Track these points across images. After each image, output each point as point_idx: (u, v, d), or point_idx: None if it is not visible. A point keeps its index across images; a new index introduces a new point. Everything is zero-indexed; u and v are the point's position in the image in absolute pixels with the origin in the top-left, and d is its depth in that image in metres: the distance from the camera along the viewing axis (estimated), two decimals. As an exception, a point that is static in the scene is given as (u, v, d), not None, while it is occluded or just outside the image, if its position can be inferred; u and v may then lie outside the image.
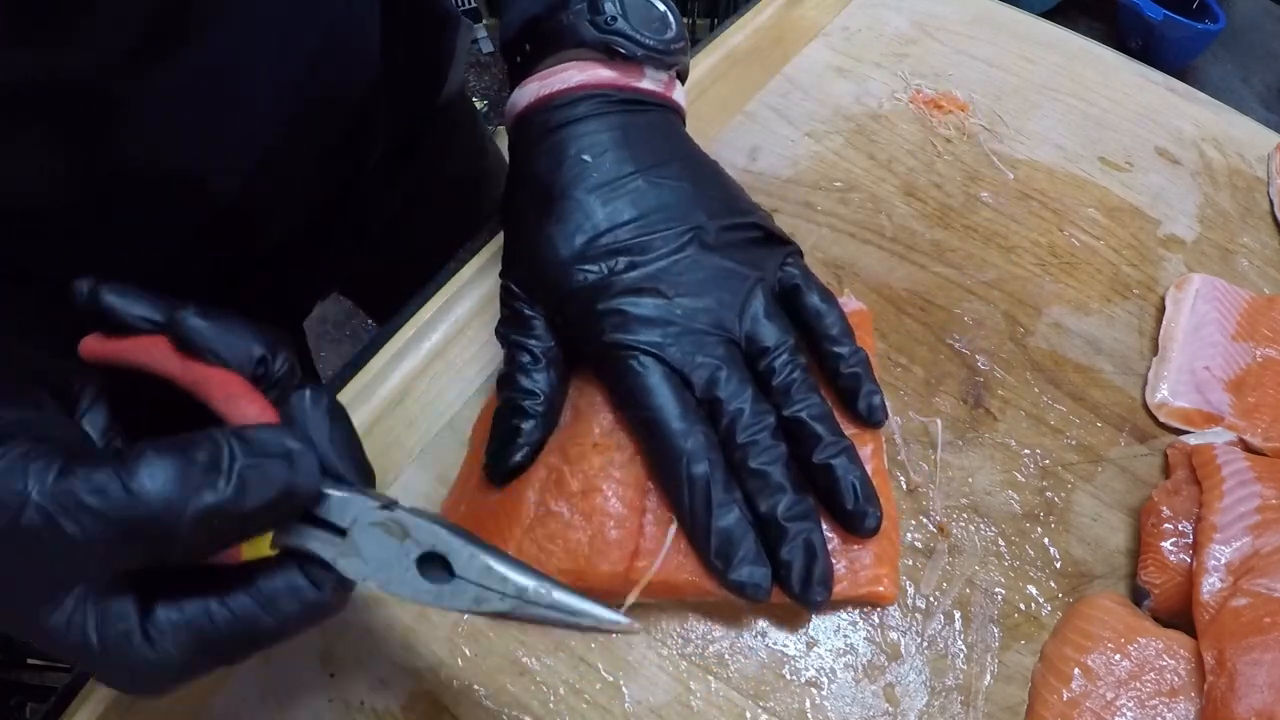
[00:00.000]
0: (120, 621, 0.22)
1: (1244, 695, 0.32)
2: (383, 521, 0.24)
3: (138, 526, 0.21)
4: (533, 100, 0.39)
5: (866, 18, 0.62)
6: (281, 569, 0.24)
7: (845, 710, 0.35)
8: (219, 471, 0.21)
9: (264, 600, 0.23)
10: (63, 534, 0.20)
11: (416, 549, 0.24)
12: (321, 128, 0.47)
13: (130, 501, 0.20)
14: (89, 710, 0.34)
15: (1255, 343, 0.45)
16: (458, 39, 0.60)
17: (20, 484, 0.20)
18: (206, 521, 0.21)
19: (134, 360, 0.27)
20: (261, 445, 0.22)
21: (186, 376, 0.26)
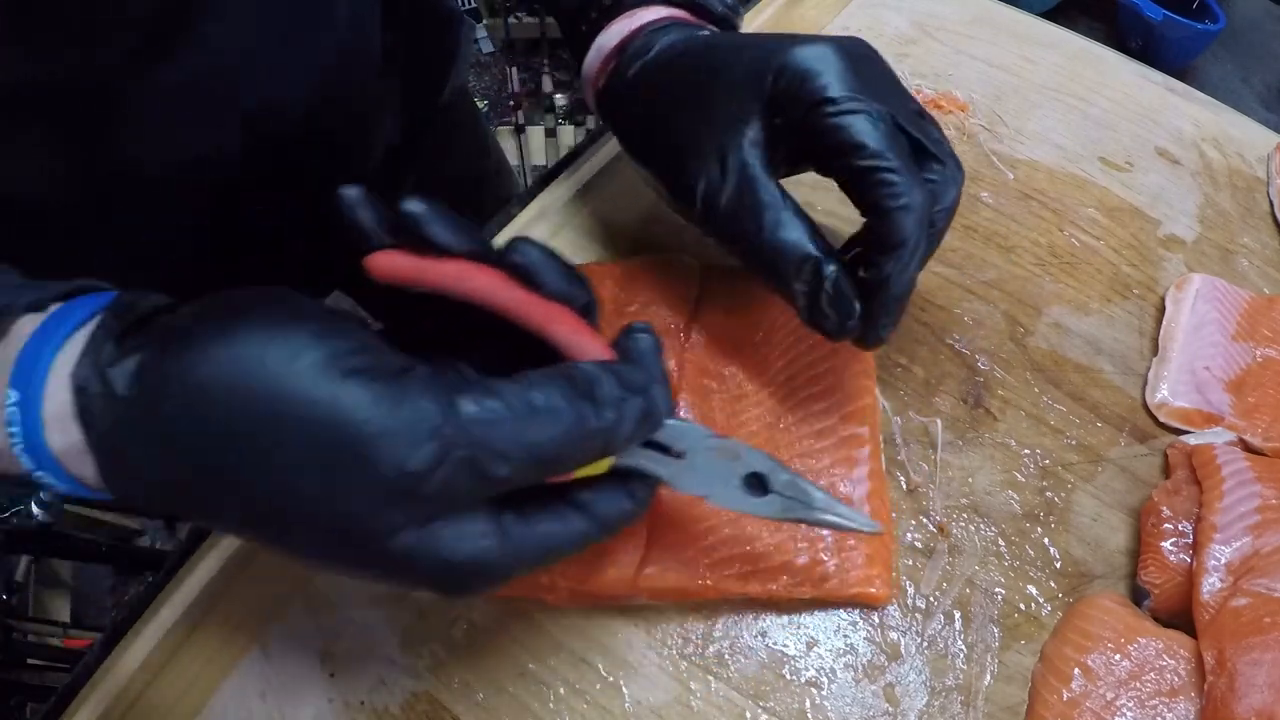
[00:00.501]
0: (483, 539, 0.24)
1: (1244, 695, 0.32)
2: (717, 447, 0.28)
3: (535, 456, 0.24)
4: (626, 33, 0.39)
5: (866, 18, 0.62)
6: (610, 488, 0.27)
7: (845, 710, 0.35)
8: (604, 403, 0.25)
9: (596, 516, 0.27)
10: (475, 468, 0.23)
11: (743, 469, 0.29)
12: (323, 126, 0.47)
13: (529, 432, 0.23)
14: (89, 710, 0.34)
15: (1255, 343, 0.45)
16: (460, 38, 0.60)
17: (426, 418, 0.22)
18: (592, 446, 0.25)
19: (450, 286, 0.27)
20: (631, 381, 0.26)
21: (525, 310, 0.27)
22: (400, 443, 0.22)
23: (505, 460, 0.23)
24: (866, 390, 0.41)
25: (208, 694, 0.34)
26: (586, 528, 0.26)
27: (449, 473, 0.23)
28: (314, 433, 0.22)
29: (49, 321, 0.25)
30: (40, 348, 0.24)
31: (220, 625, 0.36)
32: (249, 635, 0.35)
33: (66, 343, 0.25)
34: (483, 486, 0.24)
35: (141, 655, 0.35)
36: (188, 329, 0.24)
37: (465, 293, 0.27)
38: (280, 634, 0.36)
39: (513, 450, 0.23)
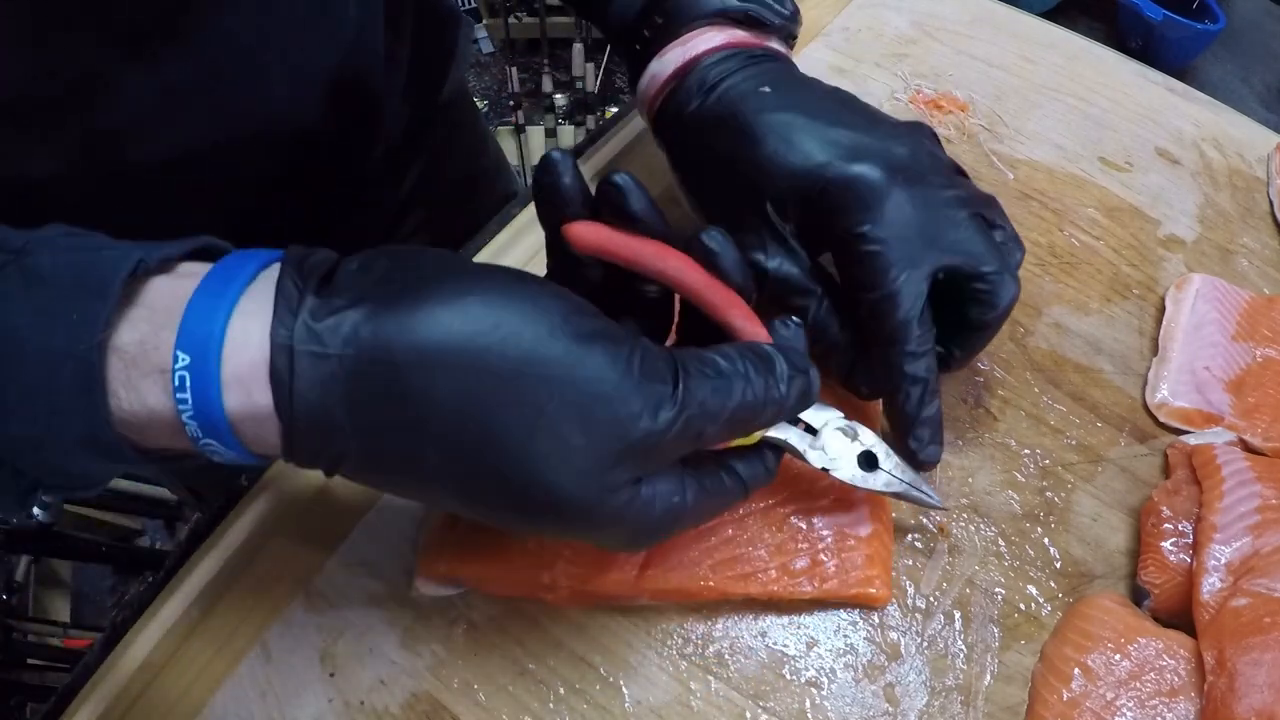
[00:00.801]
0: (675, 496, 0.27)
1: (1244, 695, 0.32)
2: (843, 427, 0.33)
3: (734, 419, 0.26)
4: (681, 63, 0.39)
5: (866, 18, 0.62)
6: (754, 456, 0.30)
7: (845, 710, 0.35)
8: (780, 378, 0.28)
9: (744, 481, 0.30)
10: (696, 426, 0.25)
11: (861, 448, 0.33)
12: (325, 126, 0.47)
13: (734, 398, 0.26)
14: (89, 710, 0.34)
15: (1255, 343, 0.45)
16: (459, 38, 0.60)
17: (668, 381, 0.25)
18: (770, 414, 0.28)
19: (641, 262, 0.29)
20: (795, 362, 0.29)
21: (707, 292, 0.30)
22: (648, 405, 0.24)
23: (715, 421, 0.26)
24: (866, 390, 0.41)
25: (208, 694, 0.34)
26: (735, 489, 0.29)
27: (679, 432, 0.25)
28: (562, 395, 0.23)
29: (210, 280, 0.24)
30: (212, 305, 0.23)
31: (220, 625, 0.36)
32: (249, 635, 0.35)
33: (242, 298, 0.24)
34: (690, 446, 0.26)
35: (141, 655, 0.35)
36: (405, 287, 0.24)
37: (658, 270, 0.29)
38: (280, 634, 0.36)
39: (722, 414, 0.26)
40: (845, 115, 0.37)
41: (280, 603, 0.36)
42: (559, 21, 1.85)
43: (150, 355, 0.23)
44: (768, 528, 0.37)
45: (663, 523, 0.27)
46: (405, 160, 0.60)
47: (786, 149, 0.36)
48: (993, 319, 0.36)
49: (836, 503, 0.37)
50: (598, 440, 0.24)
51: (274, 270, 0.25)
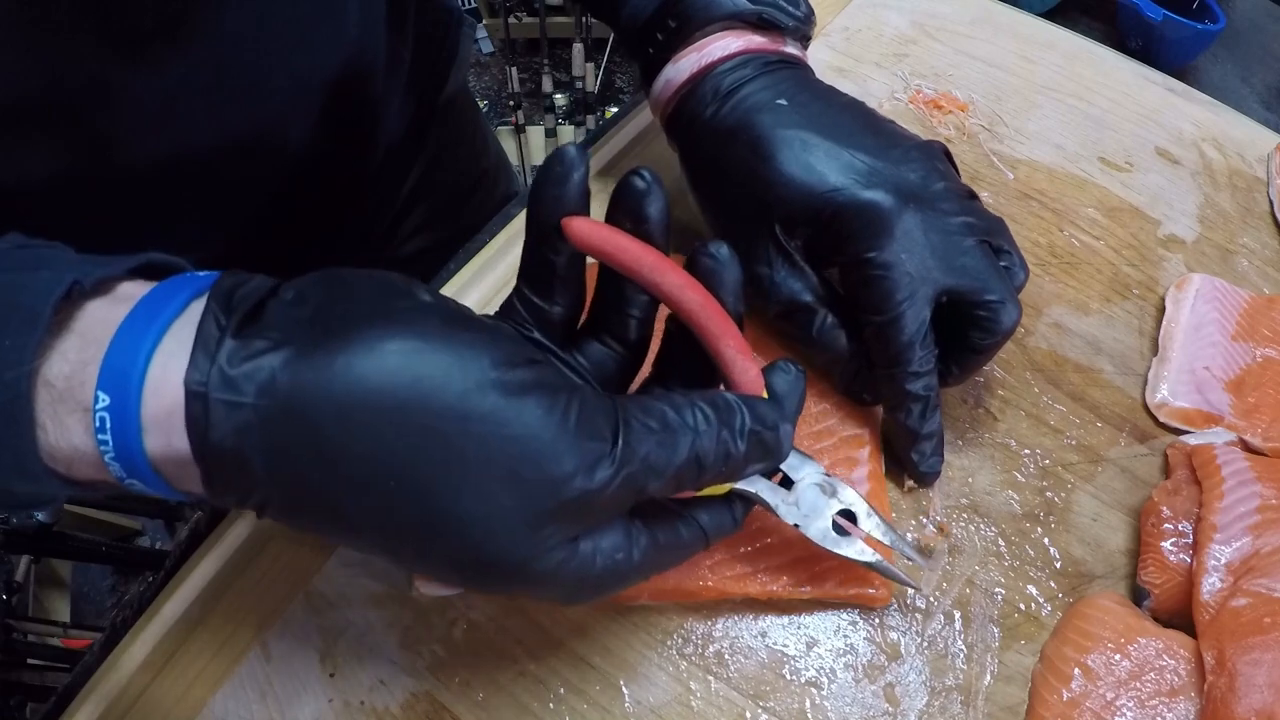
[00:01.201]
0: (618, 553, 0.26)
1: (1244, 695, 0.32)
2: (821, 483, 0.31)
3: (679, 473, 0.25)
4: (695, 70, 0.39)
5: (866, 18, 0.62)
6: (719, 506, 0.29)
7: (845, 710, 0.35)
8: (738, 434, 0.26)
9: (706, 533, 0.28)
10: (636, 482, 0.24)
11: (838, 505, 0.31)
12: (326, 127, 0.47)
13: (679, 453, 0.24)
14: (89, 710, 0.34)
15: (1255, 343, 0.45)
16: (460, 38, 0.60)
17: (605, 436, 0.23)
18: (723, 471, 0.26)
19: (637, 268, 0.27)
20: (764, 417, 0.27)
21: (701, 314, 0.27)
22: (584, 463, 0.23)
23: (659, 478, 0.24)
24: (866, 390, 0.41)
25: (208, 694, 0.34)
26: (694, 541, 0.28)
27: (618, 490, 0.23)
28: (489, 453, 0.22)
29: (137, 311, 0.23)
30: (135, 343, 0.22)
31: (220, 625, 0.36)
32: (249, 635, 0.35)
33: (165, 336, 0.23)
34: (631, 502, 0.25)
35: (141, 655, 0.35)
36: (328, 330, 0.22)
37: (655, 282, 0.27)
38: (280, 634, 0.36)
39: (666, 469, 0.24)
40: (860, 135, 0.37)
41: (280, 603, 0.36)
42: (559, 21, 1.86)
43: (75, 391, 0.22)
44: (767, 528, 0.36)
45: (605, 579, 0.26)
46: (406, 161, 0.60)
47: (799, 170, 0.36)
48: (992, 344, 0.36)
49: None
50: (527, 500, 0.23)
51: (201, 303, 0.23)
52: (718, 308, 0.28)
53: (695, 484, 0.26)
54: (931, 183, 0.36)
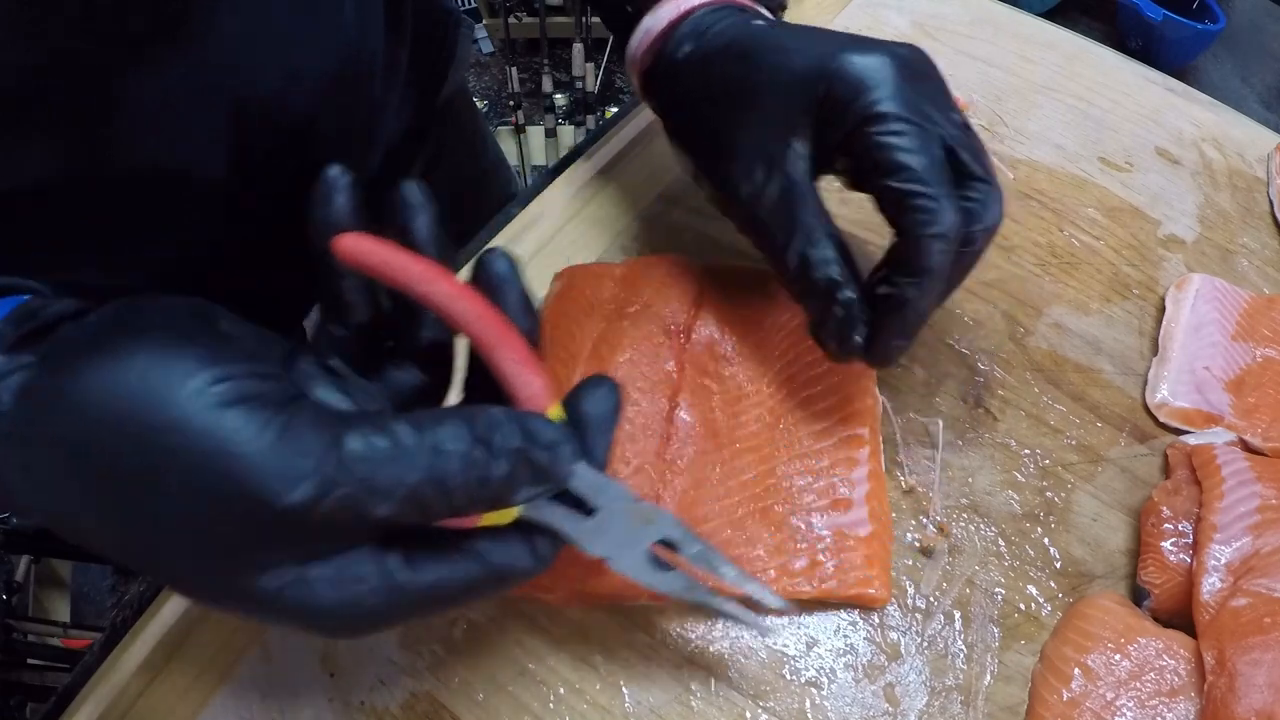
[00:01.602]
0: (360, 584, 0.23)
1: (1244, 695, 0.32)
2: (631, 510, 0.27)
3: (417, 498, 0.22)
4: (675, 15, 0.39)
5: (866, 18, 0.62)
6: (511, 539, 0.25)
7: (845, 710, 0.35)
8: (500, 453, 0.23)
9: (491, 569, 0.25)
10: (354, 504, 0.22)
11: (655, 535, 0.27)
12: (324, 127, 0.47)
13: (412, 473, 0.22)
14: (89, 710, 0.34)
15: (1255, 343, 0.45)
16: (459, 39, 0.60)
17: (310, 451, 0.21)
18: (481, 495, 0.23)
19: (408, 282, 0.25)
20: (535, 436, 0.24)
21: (478, 324, 0.25)
22: (281, 478, 0.21)
23: (387, 500, 0.22)
24: (866, 390, 0.41)
25: (208, 694, 0.34)
26: (480, 577, 0.25)
27: (329, 510, 0.21)
28: (192, 462, 0.21)
29: None
30: None
31: (220, 625, 0.36)
32: (249, 635, 0.35)
33: None
34: (363, 526, 0.23)
35: (141, 655, 0.35)
36: (78, 344, 0.23)
37: (424, 294, 0.25)
38: (280, 634, 0.36)
39: (396, 491, 0.22)
40: (843, 35, 0.36)
41: (280, 603, 0.36)
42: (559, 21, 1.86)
43: None
44: (767, 528, 0.37)
45: (350, 611, 0.23)
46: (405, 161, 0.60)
47: (785, 58, 0.35)
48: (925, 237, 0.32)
49: (835, 503, 0.37)
50: (229, 517, 0.21)
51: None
52: (496, 317, 0.25)
53: (451, 509, 0.23)
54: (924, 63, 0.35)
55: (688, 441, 0.38)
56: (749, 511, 0.37)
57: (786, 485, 0.38)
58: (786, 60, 0.35)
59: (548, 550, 0.26)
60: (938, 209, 0.32)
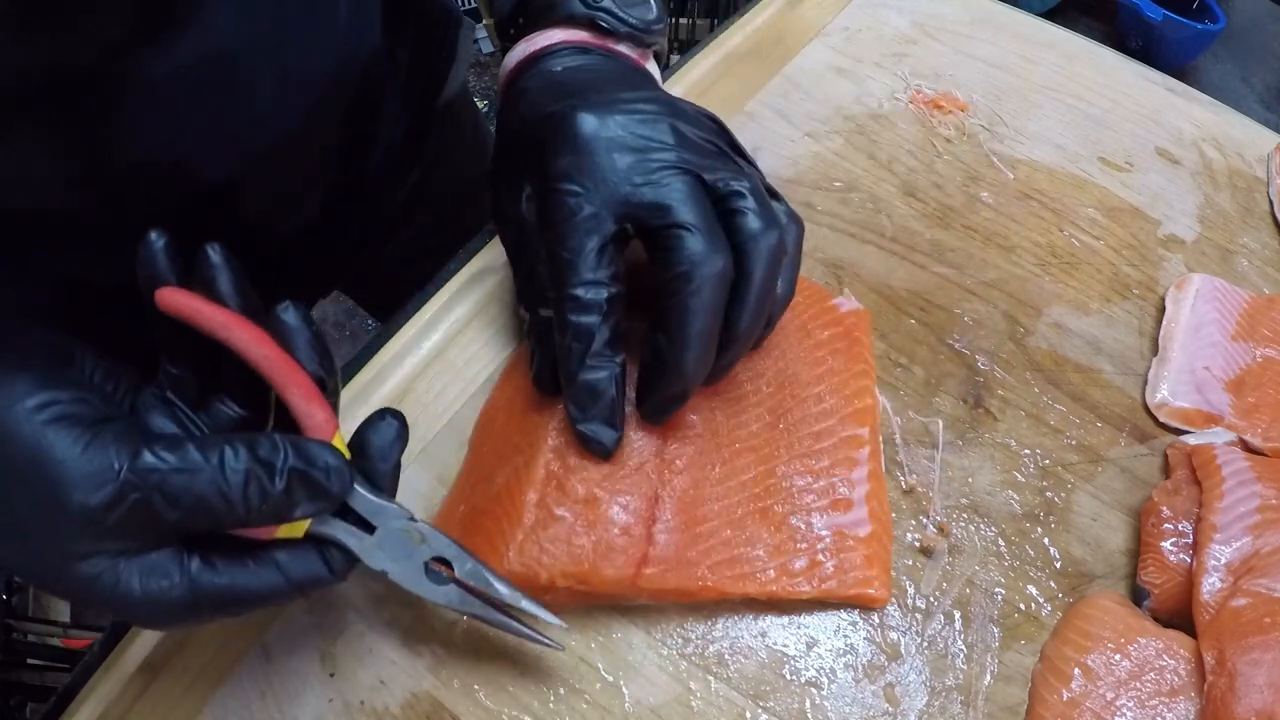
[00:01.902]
0: (162, 578, 0.27)
1: (1244, 695, 0.32)
2: (407, 529, 0.30)
3: (205, 505, 0.26)
4: (521, 58, 0.41)
5: (866, 18, 0.62)
6: (304, 552, 0.29)
7: (845, 710, 0.35)
8: (278, 473, 0.27)
9: (287, 575, 0.29)
10: (148, 508, 0.25)
11: (429, 553, 0.30)
12: (323, 123, 0.47)
13: (198, 484, 0.26)
14: (89, 710, 0.34)
15: (1255, 343, 0.45)
16: (459, 39, 0.60)
17: (110, 462, 0.25)
18: (256, 507, 0.27)
19: (214, 331, 0.29)
20: (310, 457, 0.27)
21: (269, 366, 0.29)
22: (86, 482, 0.25)
23: (175, 506, 0.26)
24: (866, 390, 0.41)
25: (208, 694, 0.34)
26: (275, 583, 0.28)
27: (124, 511, 0.25)
28: (19, 468, 0.25)
29: None
30: None
31: (220, 625, 0.36)
32: (249, 635, 0.35)
33: None
34: (158, 527, 0.26)
35: (141, 655, 0.35)
36: None
37: (226, 339, 0.29)
38: (280, 634, 0.36)
39: (183, 498, 0.26)
40: (609, 85, 0.37)
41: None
42: (559, 22, 1.85)
43: None
44: (766, 528, 0.37)
45: (156, 602, 0.27)
46: (406, 162, 0.60)
47: (529, 107, 0.37)
48: (677, 282, 0.32)
49: (835, 504, 0.37)
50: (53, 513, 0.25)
51: None
52: (285, 359, 0.29)
53: (238, 520, 0.27)
54: (652, 119, 0.34)
55: (687, 441, 0.38)
56: (749, 511, 0.37)
57: (786, 485, 0.38)
58: (531, 110, 0.37)
59: (340, 563, 0.29)
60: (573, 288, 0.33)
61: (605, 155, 0.33)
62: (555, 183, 0.33)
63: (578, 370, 0.33)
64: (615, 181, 0.33)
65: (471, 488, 0.38)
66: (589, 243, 0.33)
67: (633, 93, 0.36)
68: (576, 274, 0.33)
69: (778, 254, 0.34)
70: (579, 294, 0.33)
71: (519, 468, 0.36)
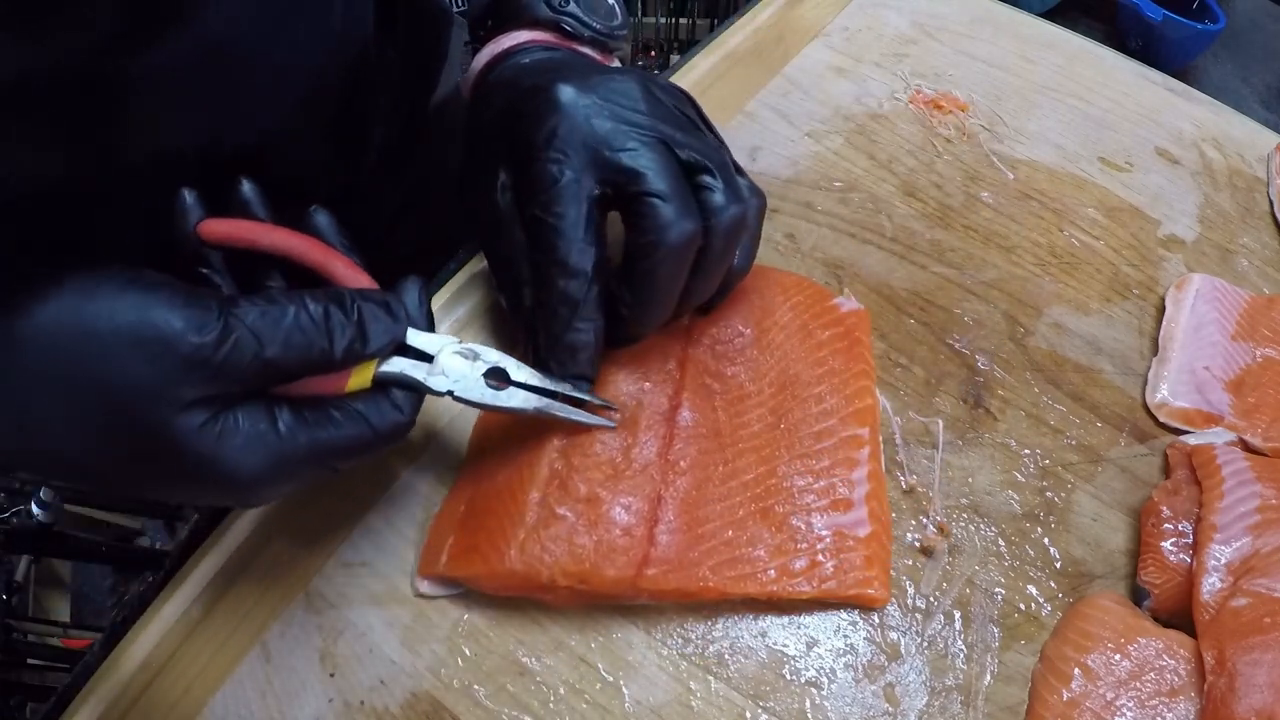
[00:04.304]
0: (260, 423, 0.29)
1: (1244, 695, 0.32)
2: (460, 350, 0.33)
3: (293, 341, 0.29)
4: (489, 58, 0.43)
5: (866, 18, 0.62)
6: (375, 396, 0.31)
7: (845, 710, 0.35)
8: (348, 315, 0.30)
9: (364, 418, 0.31)
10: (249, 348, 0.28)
11: (485, 365, 0.33)
12: (321, 120, 0.47)
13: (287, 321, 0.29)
14: (89, 710, 0.34)
15: (1255, 343, 0.45)
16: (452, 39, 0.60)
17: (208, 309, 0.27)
18: (338, 338, 0.30)
19: (255, 241, 0.33)
20: (370, 297, 0.31)
21: (310, 253, 0.33)
22: (195, 324, 0.27)
23: (273, 343, 0.28)
24: (866, 390, 0.41)
25: (208, 694, 0.34)
26: (353, 426, 0.30)
27: (229, 349, 0.27)
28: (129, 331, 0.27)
29: None
30: None
31: (220, 625, 0.36)
32: (249, 635, 0.35)
33: None
34: (255, 368, 0.28)
35: (141, 655, 0.35)
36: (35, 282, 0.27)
37: (269, 242, 0.33)
38: (280, 634, 0.36)
39: (276, 334, 0.28)
40: (585, 69, 0.38)
41: (280, 603, 0.36)
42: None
43: None
44: (767, 528, 0.37)
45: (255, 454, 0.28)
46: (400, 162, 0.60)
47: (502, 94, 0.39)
48: (650, 249, 0.34)
49: (835, 504, 0.37)
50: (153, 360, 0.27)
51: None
52: (323, 247, 0.33)
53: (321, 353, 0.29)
54: (623, 87, 0.36)
55: (690, 441, 0.38)
56: (750, 512, 0.37)
57: (787, 485, 0.38)
58: (502, 92, 0.39)
59: (408, 402, 0.32)
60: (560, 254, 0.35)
61: (584, 121, 0.35)
62: (538, 151, 0.35)
63: (563, 333, 0.35)
64: (594, 146, 0.34)
65: (473, 486, 0.38)
66: (573, 209, 0.34)
67: (605, 70, 0.38)
68: (564, 239, 0.34)
69: (737, 228, 0.36)
70: (567, 260, 0.34)
71: (521, 466, 0.36)
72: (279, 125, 0.44)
